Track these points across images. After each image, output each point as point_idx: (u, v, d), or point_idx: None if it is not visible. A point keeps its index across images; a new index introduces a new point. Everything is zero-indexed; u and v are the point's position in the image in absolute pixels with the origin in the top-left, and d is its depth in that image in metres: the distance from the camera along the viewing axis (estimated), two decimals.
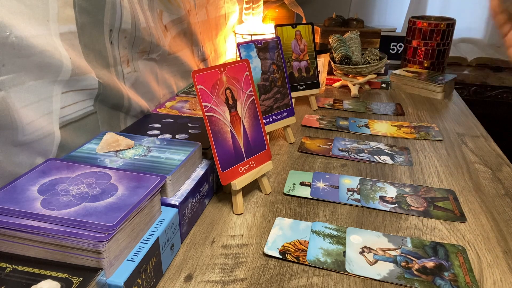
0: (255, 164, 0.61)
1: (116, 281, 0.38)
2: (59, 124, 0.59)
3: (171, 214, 0.48)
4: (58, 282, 0.35)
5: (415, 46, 1.26)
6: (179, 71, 0.99)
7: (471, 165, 0.75)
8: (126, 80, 0.75)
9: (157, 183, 0.46)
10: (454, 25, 1.22)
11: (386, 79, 1.23)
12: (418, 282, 0.46)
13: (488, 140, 0.86)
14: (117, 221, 0.39)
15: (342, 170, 0.72)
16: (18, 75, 0.50)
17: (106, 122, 0.70)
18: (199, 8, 1.10)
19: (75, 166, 0.50)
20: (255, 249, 0.52)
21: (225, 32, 1.34)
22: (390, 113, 1.00)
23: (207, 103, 0.54)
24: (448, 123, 0.95)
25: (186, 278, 0.47)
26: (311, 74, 0.97)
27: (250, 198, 0.63)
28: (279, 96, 0.79)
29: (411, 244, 0.52)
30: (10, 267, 0.37)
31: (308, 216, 0.59)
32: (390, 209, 0.60)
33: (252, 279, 0.47)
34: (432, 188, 0.66)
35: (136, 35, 0.74)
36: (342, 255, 0.50)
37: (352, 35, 1.16)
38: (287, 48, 0.93)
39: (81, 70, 0.60)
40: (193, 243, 0.53)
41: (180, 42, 0.98)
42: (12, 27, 0.48)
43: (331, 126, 0.91)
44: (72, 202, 0.42)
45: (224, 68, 0.57)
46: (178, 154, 0.56)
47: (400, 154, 0.78)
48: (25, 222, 0.39)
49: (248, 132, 0.60)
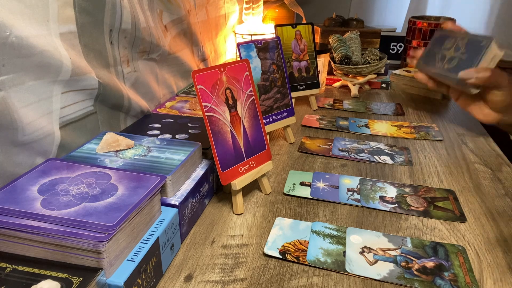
0: (255, 164, 0.61)
1: (116, 281, 0.38)
2: (59, 124, 0.59)
3: (171, 214, 0.48)
4: (58, 282, 0.35)
5: (415, 46, 1.26)
6: (179, 71, 0.99)
7: (471, 165, 0.75)
8: (126, 80, 0.75)
9: (157, 183, 0.46)
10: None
11: (386, 79, 1.23)
12: (418, 282, 0.46)
13: (488, 140, 0.86)
14: (117, 221, 0.39)
15: (342, 170, 0.72)
16: (18, 75, 0.50)
17: (106, 122, 0.70)
18: (199, 8, 1.10)
19: (75, 166, 0.50)
20: (255, 249, 0.52)
21: (225, 32, 1.34)
22: (390, 113, 1.00)
23: (207, 103, 0.54)
24: (448, 123, 0.95)
25: (186, 278, 0.47)
26: (311, 74, 0.97)
27: (250, 198, 0.63)
28: (279, 96, 0.79)
29: (411, 244, 0.52)
30: (10, 267, 0.37)
31: (308, 216, 0.59)
32: (390, 209, 0.60)
33: (252, 279, 0.47)
34: (432, 188, 0.66)
35: (136, 35, 0.74)
36: (342, 255, 0.50)
37: (352, 35, 1.16)
38: (287, 48, 0.93)
39: (81, 70, 0.60)
40: (193, 243, 0.53)
41: (180, 42, 0.98)
42: (12, 27, 0.48)
43: (331, 126, 0.91)
44: (72, 202, 0.42)
45: (224, 68, 0.57)
46: (178, 154, 0.56)
47: (400, 154, 0.78)
48: (25, 222, 0.39)
49: (248, 132, 0.60)
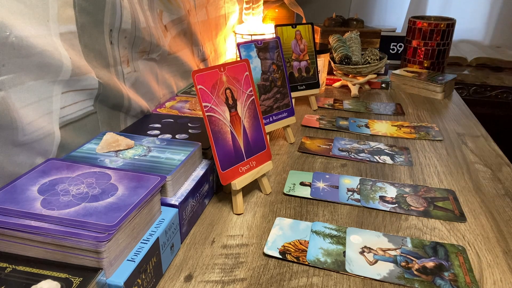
0: (255, 164, 0.61)
1: (116, 281, 0.38)
2: (59, 124, 0.59)
3: (171, 214, 0.48)
4: (58, 282, 0.35)
5: (415, 46, 1.26)
6: (179, 71, 0.99)
7: (471, 165, 0.75)
8: (126, 80, 0.75)
9: (157, 183, 0.46)
10: (454, 25, 1.22)
11: (386, 79, 1.23)
12: (418, 282, 0.46)
13: (488, 140, 0.86)
14: (117, 221, 0.39)
15: (342, 170, 0.72)
16: (18, 75, 0.50)
17: (106, 122, 0.70)
18: (199, 8, 1.10)
19: (75, 166, 0.50)
20: (255, 249, 0.52)
21: (225, 32, 1.34)
22: (390, 113, 1.00)
23: (207, 103, 0.54)
24: (448, 123, 0.95)
25: (186, 278, 0.47)
26: (311, 74, 0.97)
27: (250, 198, 0.63)
28: (279, 96, 0.79)
29: (411, 244, 0.52)
30: (10, 267, 0.37)
31: (308, 216, 0.59)
32: (390, 209, 0.60)
33: (252, 279, 0.47)
34: (432, 188, 0.66)
35: (136, 35, 0.74)
36: (342, 255, 0.50)
37: (352, 35, 1.16)
38: (287, 48, 0.93)
39: (81, 70, 0.60)
40: (193, 243, 0.53)
41: (180, 42, 0.98)
42: (12, 27, 0.48)
43: (331, 126, 0.91)
44: (72, 202, 0.42)
45: (224, 68, 0.57)
46: (178, 154, 0.56)
47: (400, 154, 0.78)
48: (25, 222, 0.39)
49: (248, 132, 0.60)
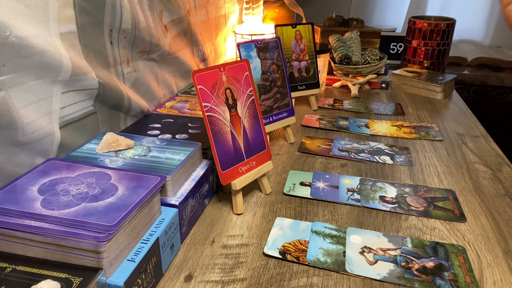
0: (255, 164, 0.61)
1: (116, 281, 0.38)
2: (59, 124, 0.59)
3: (171, 214, 0.48)
4: (58, 282, 0.35)
5: (415, 46, 1.26)
6: (179, 71, 0.99)
7: (471, 165, 0.75)
8: (126, 80, 0.75)
9: (157, 183, 0.46)
10: (454, 25, 1.22)
11: (386, 79, 1.23)
12: (418, 282, 0.46)
13: (488, 140, 0.86)
14: (117, 221, 0.39)
15: (342, 170, 0.72)
16: (18, 75, 0.50)
17: (106, 122, 0.70)
18: (199, 8, 1.10)
19: (75, 166, 0.50)
20: (255, 249, 0.52)
21: (225, 32, 1.34)
22: (390, 113, 1.00)
23: (207, 103, 0.54)
24: (448, 123, 0.95)
25: (186, 278, 0.47)
26: (311, 74, 0.97)
27: (250, 198, 0.63)
28: (279, 96, 0.79)
29: (411, 244, 0.52)
30: (10, 267, 0.37)
31: (308, 216, 0.59)
32: (390, 209, 0.60)
33: (252, 279, 0.47)
34: (432, 188, 0.66)
35: (136, 35, 0.74)
36: (342, 255, 0.50)
37: (352, 35, 1.16)
38: (287, 48, 0.93)
39: (81, 70, 0.60)
40: (193, 243, 0.53)
41: (180, 42, 0.98)
42: (12, 27, 0.48)
43: (331, 126, 0.91)
44: (72, 202, 0.42)
45: (224, 68, 0.57)
46: (178, 154, 0.56)
47: (400, 154, 0.78)
48: (25, 222, 0.39)
49: (248, 132, 0.60)
